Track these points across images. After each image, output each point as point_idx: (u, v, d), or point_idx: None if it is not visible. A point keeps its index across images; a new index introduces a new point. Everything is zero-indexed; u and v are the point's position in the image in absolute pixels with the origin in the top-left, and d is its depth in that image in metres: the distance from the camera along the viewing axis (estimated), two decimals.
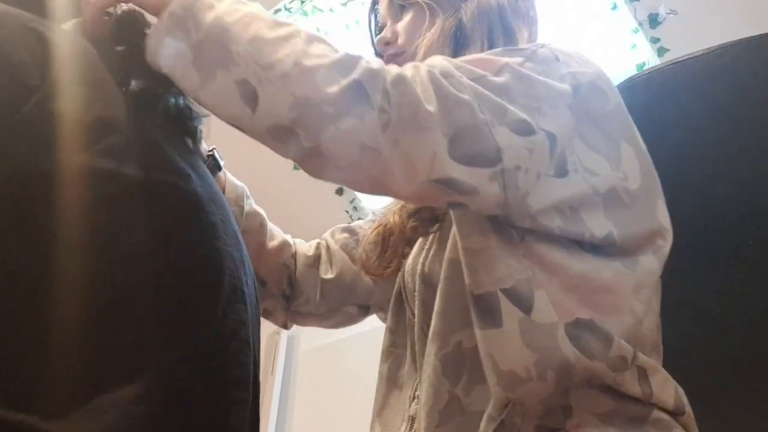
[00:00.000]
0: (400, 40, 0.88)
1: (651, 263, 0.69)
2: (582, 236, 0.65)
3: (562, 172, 0.65)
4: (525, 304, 0.62)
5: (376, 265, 0.88)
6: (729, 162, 0.88)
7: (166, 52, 0.58)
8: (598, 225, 0.66)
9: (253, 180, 0.92)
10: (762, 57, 0.87)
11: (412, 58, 0.84)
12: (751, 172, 0.87)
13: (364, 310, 0.96)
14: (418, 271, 0.77)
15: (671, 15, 1.94)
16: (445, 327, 0.67)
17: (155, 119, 0.59)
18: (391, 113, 0.56)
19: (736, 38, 0.87)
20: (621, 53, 2.10)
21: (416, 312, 0.76)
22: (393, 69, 0.59)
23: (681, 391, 0.68)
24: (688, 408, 0.68)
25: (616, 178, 0.69)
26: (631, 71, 2.02)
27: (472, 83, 0.62)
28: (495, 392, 0.61)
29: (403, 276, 0.83)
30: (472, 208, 0.62)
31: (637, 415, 0.63)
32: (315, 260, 0.96)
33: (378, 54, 0.93)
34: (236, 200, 0.89)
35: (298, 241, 0.99)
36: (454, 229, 0.69)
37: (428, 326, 0.73)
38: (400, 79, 0.58)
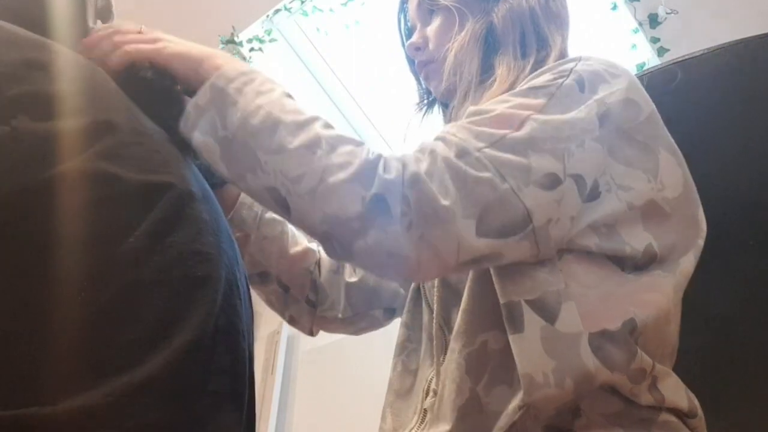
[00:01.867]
0: (430, 46, 0.88)
1: (689, 263, 0.70)
2: (622, 252, 0.66)
3: (593, 195, 0.66)
4: (549, 314, 0.63)
5: None
6: (729, 162, 0.88)
7: (195, 143, 0.64)
8: (636, 239, 0.67)
9: None
10: (762, 57, 0.87)
11: (442, 63, 0.84)
12: (751, 171, 0.87)
13: (390, 313, 0.96)
14: None
15: (671, 15, 1.94)
16: (470, 326, 0.68)
17: (151, 118, 0.60)
18: (411, 215, 0.59)
19: (736, 38, 0.87)
20: (621, 53, 2.11)
21: (435, 308, 0.77)
22: (410, 166, 0.61)
23: (691, 394, 0.68)
24: (700, 411, 0.68)
25: (653, 190, 0.69)
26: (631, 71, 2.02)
27: (491, 152, 0.62)
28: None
29: None
30: (506, 263, 0.64)
31: (645, 417, 0.63)
32: (339, 266, 0.96)
33: (409, 59, 0.94)
34: (251, 204, 0.89)
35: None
36: None
37: (446, 322, 0.75)
38: (415, 180, 0.60)
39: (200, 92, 0.65)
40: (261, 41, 2.46)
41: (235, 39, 2.37)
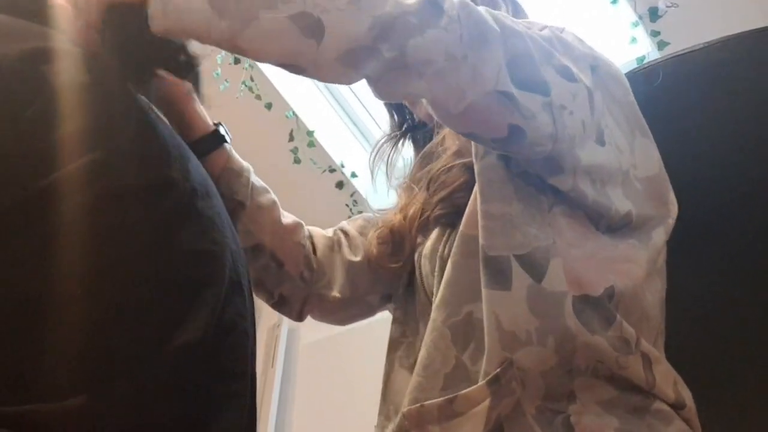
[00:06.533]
0: None
1: (660, 238, 0.73)
2: (608, 211, 0.69)
3: (601, 141, 0.69)
4: (537, 272, 0.64)
5: (389, 255, 0.86)
6: (729, 156, 0.88)
7: (171, 8, 0.55)
8: (620, 202, 0.70)
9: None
10: (762, 51, 0.87)
11: None
12: (751, 165, 0.87)
13: (386, 300, 0.92)
14: (439, 254, 0.76)
15: (671, 8, 1.94)
16: (455, 297, 0.68)
17: (154, 113, 0.60)
18: (462, 30, 0.59)
19: (737, 32, 0.87)
20: (621, 47, 2.10)
21: (435, 293, 0.75)
22: None
23: (683, 385, 0.69)
24: (689, 402, 0.68)
25: (629, 164, 0.73)
26: (631, 65, 2.01)
27: (522, 28, 0.66)
28: (493, 350, 0.63)
29: (419, 260, 0.81)
30: (528, 137, 0.63)
31: (639, 405, 0.64)
32: (336, 243, 0.93)
33: None
34: (240, 171, 0.85)
35: (311, 227, 0.95)
36: (470, 200, 0.70)
37: None
38: (465, 3, 0.61)
39: None
40: None
41: None
